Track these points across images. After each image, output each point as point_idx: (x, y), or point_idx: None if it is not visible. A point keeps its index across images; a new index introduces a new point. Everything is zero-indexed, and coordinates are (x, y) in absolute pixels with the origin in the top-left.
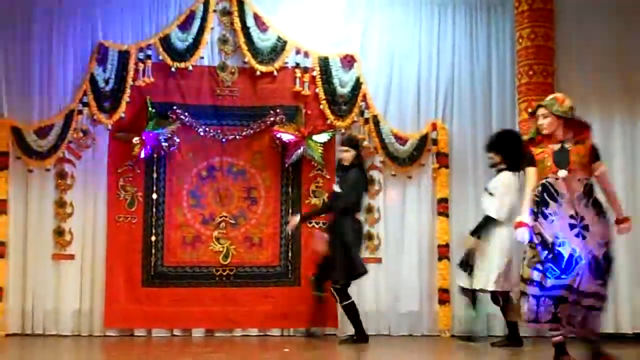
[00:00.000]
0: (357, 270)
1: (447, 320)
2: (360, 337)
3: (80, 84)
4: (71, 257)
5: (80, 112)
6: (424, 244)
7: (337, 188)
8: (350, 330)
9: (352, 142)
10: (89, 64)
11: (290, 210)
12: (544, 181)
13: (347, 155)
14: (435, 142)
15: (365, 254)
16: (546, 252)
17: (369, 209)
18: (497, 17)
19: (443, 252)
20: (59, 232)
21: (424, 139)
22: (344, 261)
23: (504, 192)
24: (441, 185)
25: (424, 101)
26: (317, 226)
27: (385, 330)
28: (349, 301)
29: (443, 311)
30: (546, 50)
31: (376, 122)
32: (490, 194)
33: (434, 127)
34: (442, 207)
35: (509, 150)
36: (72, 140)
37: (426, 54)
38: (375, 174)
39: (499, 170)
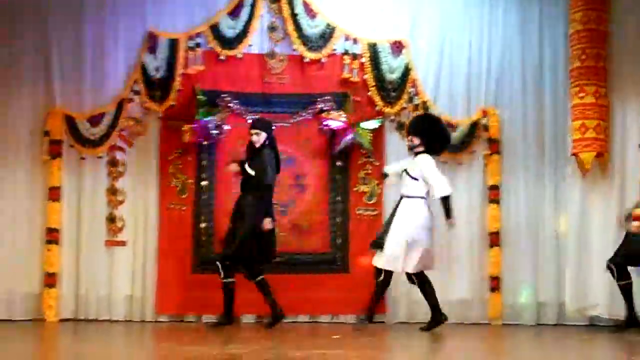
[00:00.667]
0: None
1: (497, 308)
2: (224, 319)
3: (131, 73)
4: (123, 243)
5: (131, 100)
6: (475, 231)
7: (249, 170)
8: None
9: (263, 125)
10: (140, 52)
11: (338, 198)
12: None
13: (258, 138)
14: (486, 128)
15: None
16: None
17: None
18: (549, 0)
19: (494, 239)
20: (111, 219)
21: (474, 125)
22: (246, 242)
23: (437, 171)
24: (492, 172)
25: (475, 87)
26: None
27: None
28: (230, 280)
29: (494, 299)
30: (599, 34)
31: (426, 108)
32: (414, 178)
33: (485, 113)
34: (493, 194)
35: (430, 134)
36: (124, 128)
37: (477, 39)
38: None
39: (417, 153)
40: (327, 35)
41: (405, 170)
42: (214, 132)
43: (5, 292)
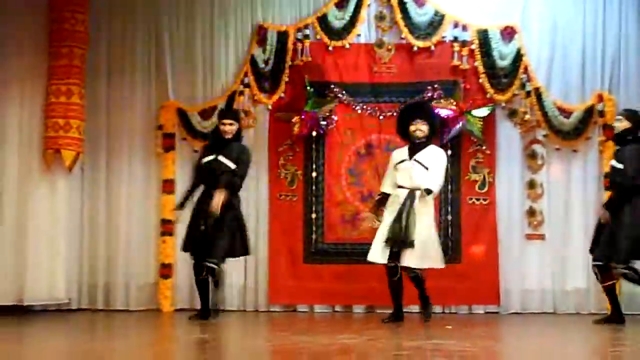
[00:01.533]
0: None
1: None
2: (205, 311)
3: (241, 66)
4: None
5: (241, 93)
6: (590, 219)
7: (230, 163)
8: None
9: (237, 116)
10: (249, 45)
11: (450, 187)
12: None
13: (231, 128)
14: (601, 114)
15: (527, 230)
16: None
17: (532, 184)
18: None
19: None
20: None
21: (589, 111)
22: (231, 240)
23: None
24: (608, 158)
25: (589, 72)
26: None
27: (550, 309)
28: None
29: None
30: None
31: (538, 95)
32: (426, 167)
33: (600, 98)
34: (609, 181)
35: (436, 123)
36: None
37: (591, 23)
38: (538, 148)
39: (424, 143)
40: (435, 22)
41: (416, 160)
42: (323, 123)
43: (122, 282)
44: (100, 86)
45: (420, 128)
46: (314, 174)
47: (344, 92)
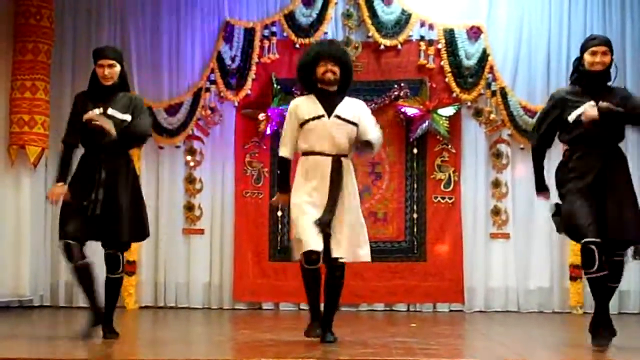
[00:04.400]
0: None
1: (578, 297)
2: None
3: (207, 62)
4: (201, 231)
5: (208, 89)
6: None
7: (125, 116)
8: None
9: (119, 55)
10: (216, 42)
11: (415, 186)
12: None
13: (111, 71)
14: None
15: (492, 229)
16: None
17: (497, 184)
18: None
19: None
20: (188, 207)
21: None
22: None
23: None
24: None
25: (554, 72)
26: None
27: (514, 307)
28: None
29: (574, 287)
30: None
31: (504, 95)
32: (354, 123)
33: None
34: None
35: (351, 67)
36: (201, 117)
37: (556, 23)
38: (503, 147)
39: (335, 92)
40: (402, 21)
41: (338, 116)
42: None
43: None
44: (65, 82)
45: (332, 69)
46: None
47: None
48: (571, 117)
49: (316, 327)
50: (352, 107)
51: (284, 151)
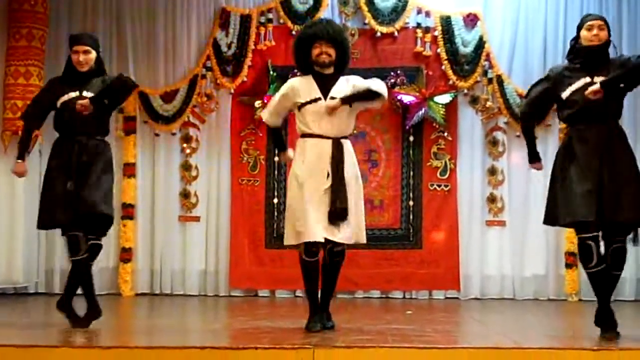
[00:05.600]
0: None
1: (574, 285)
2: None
3: (203, 49)
4: (197, 219)
5: (204, 76)
6: None
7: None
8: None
9: (95, 42)
10: (212, 28)
11: (411, 173)
12: None
13: (85, 57)
14: None
15: (488, 216)
16: None
17: (493, 171)
18: None
19: None
20: (184, 195)
21: None
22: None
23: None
24: None
25: (551, 59)
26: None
27: (510, 294)
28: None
29: (570, 275)
30: None
31: (500, 82)
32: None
33: None
34: None
35: (348, 47)
36: (197, 104)
37: (553, 10)
38: (499, 135)
39: (333, 74)
40: (399, 8)
41: (332, 97)
42: None
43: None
44: (60, 68)
45: (326, 51)
46: (276, 159)
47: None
48: (565, 94)
49: (317, 321)
50: (344, 83)
51: (268, 119)
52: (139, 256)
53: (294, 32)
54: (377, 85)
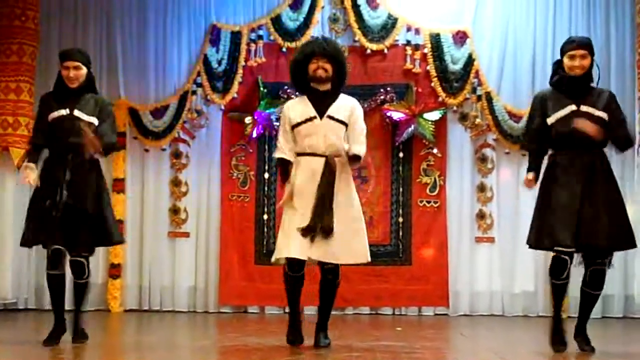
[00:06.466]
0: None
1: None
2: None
3: (193, 65)
4: (186, 234)
5: (194, 92)
6: None
7: (91, 118)
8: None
9: (87, 58)
10: (202, 45)
11: (401, 190)
12: None
13: (76, 73)
14: None
15: (477, 233)
16: None
17: (482, 188)
18: None
19: None
20: (174, 211)
21: None
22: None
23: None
24: None
25: (540, 77)
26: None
27: (499, 311)
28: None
29: None
30: None
31: (489, 99)
32: (344, 123)
33: None
34: None
35: (344, 62)
36: (187, 120)
37: (541, 28)
38: (488, 151)
39: (330, 92)
40: (389, 26)
41: (330, 116)
42: (276, 124)
43: (69, 283)
44: (50, 84)
45: (323, 66)
46: (266, 175)
47: (297, 93)
48: (550, 120)
49: (290, 334)
50: (345, 107)
51: (284, 153)
52: (127, 272)
53: (284, 49)
54: (363, 150)
